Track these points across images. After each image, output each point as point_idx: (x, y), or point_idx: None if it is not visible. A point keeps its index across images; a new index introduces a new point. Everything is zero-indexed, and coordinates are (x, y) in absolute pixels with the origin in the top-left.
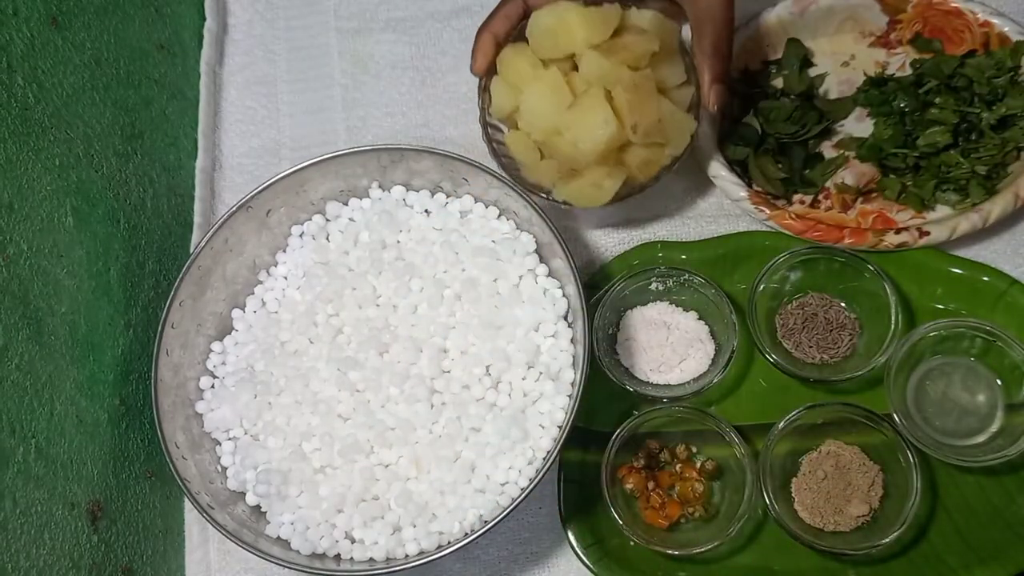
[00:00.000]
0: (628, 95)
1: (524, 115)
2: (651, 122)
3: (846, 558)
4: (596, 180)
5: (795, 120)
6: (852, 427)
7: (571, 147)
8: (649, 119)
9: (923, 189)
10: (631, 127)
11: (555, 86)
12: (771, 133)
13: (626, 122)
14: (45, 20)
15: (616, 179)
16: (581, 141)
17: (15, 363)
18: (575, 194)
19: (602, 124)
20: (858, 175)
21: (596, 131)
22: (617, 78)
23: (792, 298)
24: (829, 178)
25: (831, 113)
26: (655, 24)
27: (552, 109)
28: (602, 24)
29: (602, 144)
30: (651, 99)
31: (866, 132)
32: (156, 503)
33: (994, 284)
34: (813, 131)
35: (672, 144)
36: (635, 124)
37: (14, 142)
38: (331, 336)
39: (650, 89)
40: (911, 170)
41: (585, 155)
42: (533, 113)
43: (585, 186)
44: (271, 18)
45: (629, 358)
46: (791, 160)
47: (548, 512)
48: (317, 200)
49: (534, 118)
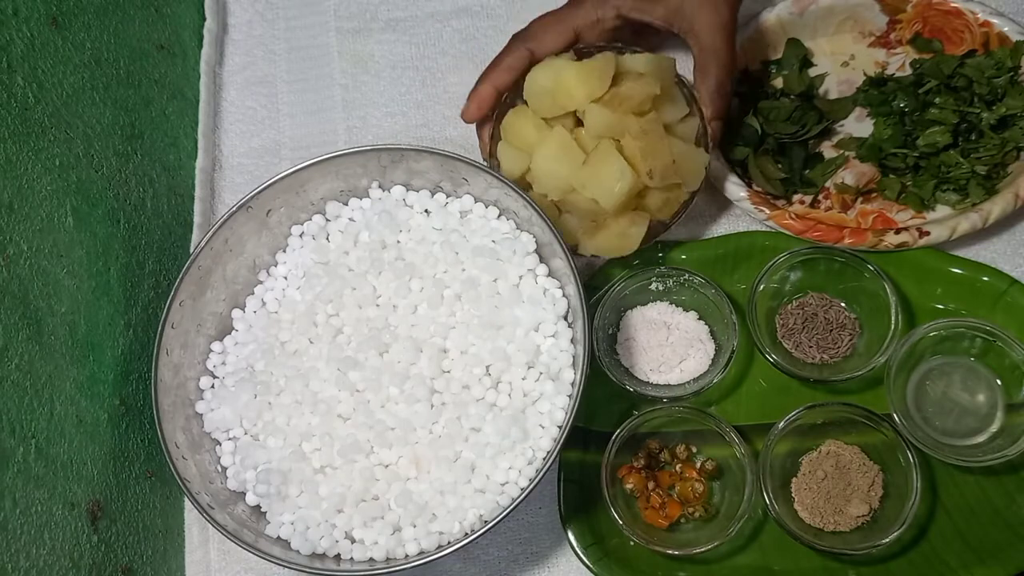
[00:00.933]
0: (638, 142)
1: (538, 178)
2: (666, 165)
3: (846, 558)
4: (621, 230)
5: (795, 120)
6: (852, 427)
7: (590, 203)
8: (663, 162)
9: (923, 189)
10: (647, 173)
11: (564, 145)
12: (771, 133)
13: (641, 170)
14: (45, 20)
15: (640, 225)
16: (600, 198)
17: (15, 363)
18: (602, 247)
19: (618, 177)
20: (858, 175)
21: (613, 185)
22: (624, 127)
23: (792, 298)
24: (829, 178)
25: (831, 113)
26: (652, 66)
27: (565, 169)
28: (599, 78)
29: (621, 197)
30: (662, 142)
31: (866, 132)
32: (156, 503)
33: (994, 284)
34: (813, 131)
35: (689, 183)
36: (650, 170)
37: (14, 142)
38: (331, 336)
39: (659, 133)
40: (911, 170)
41: (607, 208)
42: (546, 175)
43: (611, 237)
44: (271, 18)
45: (629, 358)
46: (791, 160)
47: (548, 512)
48: (317, 200)
49: (548, 180)
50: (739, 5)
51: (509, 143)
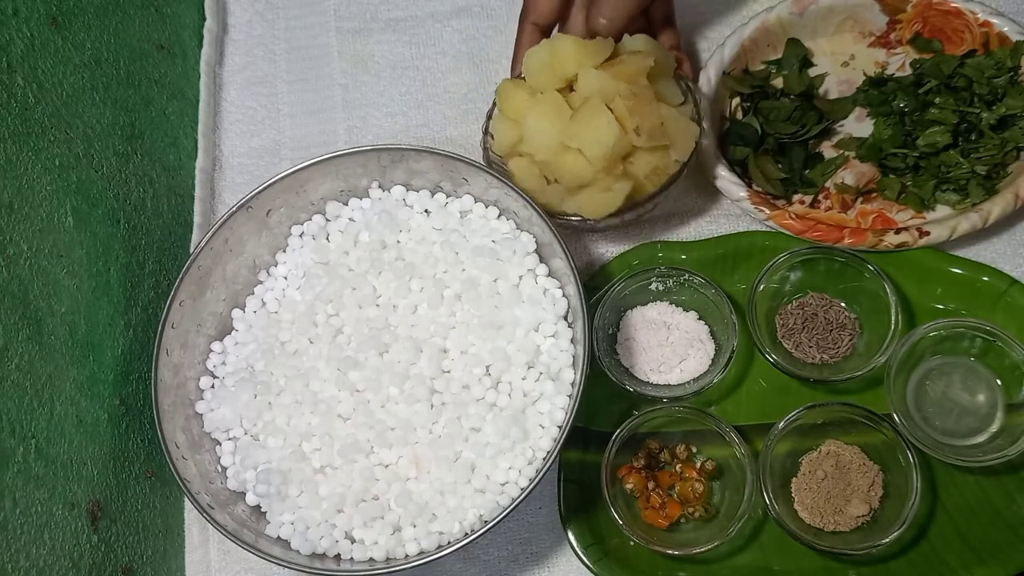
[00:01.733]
0: (627, 102)
1: (528, 139)
2: (653, 124)
3: (846, 558)
4: (605, 186)
5: (795, 120)
6: (852, 427)
7: (577, 159)
8: (651, 121)
9: (923, 189)
10: (634, 129)
11: (555, 105)
12: (771, 133)
13: (628, 125)
14: (45, 20)
15: (624, 183)
16: (588, 147)
17: (15, 363)
18: (584, 203)
19: (606, 126)
20: (858, 175)
21: (601, 134)
22: (615, 90)
23: (792, 298)
24: (829, 178)
25: (831, 113)
26: (649, 44)
27: (554, 125)
28: (595, 51)
29: (609, 147)
30: (651, 104)
31: (866, 132)
32: (156, 503)
33: (994, 284)
34: (813, 131)
35: (677, 149)
36: (637, 127)
37: (14, 142)
38: (331, 336)
39: (648, 96)
40: (911, 170)
41: (593, 161)
42: (536, 133)
43: (594, 193)
44: (271, 18)
45: (629, 358)
46: (791, 160)
47: (548, 512)
48: (317, 200)
49: (538, 137)
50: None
51: (503, 114)
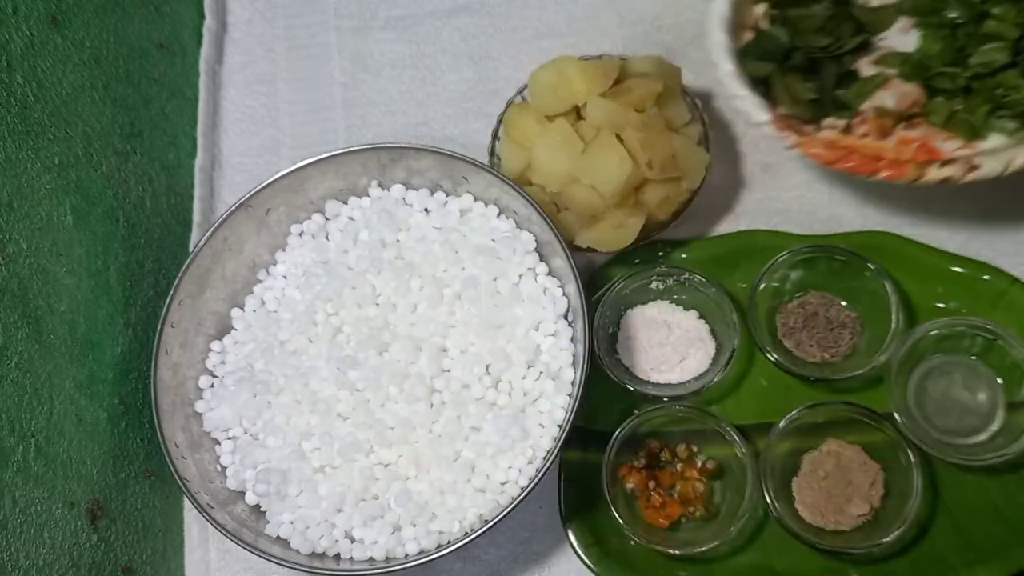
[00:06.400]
0: (639, 134)
1: (537, 169)
2: (665, 156)
3: (847, 557)
4: (618, 221)
5: (828, 31)
6: (853, 426)
7: (589, 193)
8: (663, 154)
9: (975, 114)
10: (646, 164)
11: (565, 136)
12: (799, 46)
13: (640, 160)
14: (44, 19)
15: (638, 218)
16: (600, 184)
17: (14, 362)
18: (598, 238)
19: (618, 163)
20: (900, 97)
21: (613, 171)
22: (625, 120)
23: (793, 297)
24: (866, 100)
25: (871, 24)
26: (656, 66)
27: (565, 158)
28: (602, 75)
29: (621, 183)
30: (662, 135)
31: (911, 47)
32: (156, 503)
33: (995, 282)
34: (849, 44)
35: (688, 178)
36: (650, 160)
37: (13, 141)
38: (330, 335)
39: (660, 126)
40: (962, 92)
41: (605, 198)
42: (547, 164)
43: (607, 228)
44: (271, 17)
45: (629, 357)
46: (823, 78)
47: (548, 512)
48: (316, 199)
49: (548, 168)
50: None
51: (511, 139)
